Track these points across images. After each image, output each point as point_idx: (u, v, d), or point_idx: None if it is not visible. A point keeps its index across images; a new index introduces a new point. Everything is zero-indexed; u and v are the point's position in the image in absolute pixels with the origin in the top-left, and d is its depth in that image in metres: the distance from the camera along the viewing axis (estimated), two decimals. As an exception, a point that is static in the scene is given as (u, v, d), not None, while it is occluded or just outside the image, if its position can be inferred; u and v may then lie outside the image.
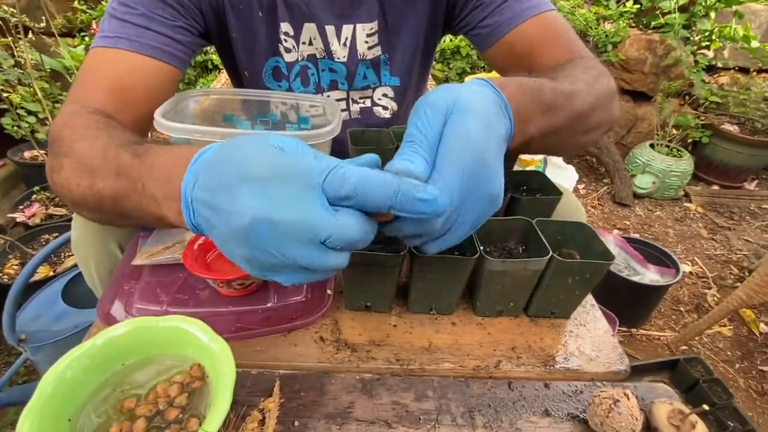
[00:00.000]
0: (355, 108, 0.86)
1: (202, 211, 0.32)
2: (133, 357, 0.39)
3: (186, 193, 0.33)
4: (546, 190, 0.63)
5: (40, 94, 1.62)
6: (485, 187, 0.36)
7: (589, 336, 0.54)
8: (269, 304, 0.52)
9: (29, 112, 1.75)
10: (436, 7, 0.74)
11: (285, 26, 0.72)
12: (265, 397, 0.43)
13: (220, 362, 0.36)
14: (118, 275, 0.56)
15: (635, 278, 1.52)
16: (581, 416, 0.44)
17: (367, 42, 0.75)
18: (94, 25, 2.18)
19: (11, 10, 1.58)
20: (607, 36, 2.43)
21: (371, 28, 0.74)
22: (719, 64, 2.55)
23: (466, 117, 0.36)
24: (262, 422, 0.40)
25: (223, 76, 1.37)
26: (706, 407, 0.41)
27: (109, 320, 0.50)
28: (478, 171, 0.35)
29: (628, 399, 0.41)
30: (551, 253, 0.48)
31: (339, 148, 0.80)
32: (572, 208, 0.74)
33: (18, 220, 1.66)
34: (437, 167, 0.36)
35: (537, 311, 0.55)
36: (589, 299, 0.59)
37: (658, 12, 2.35)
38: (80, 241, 0.67)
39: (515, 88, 0.43)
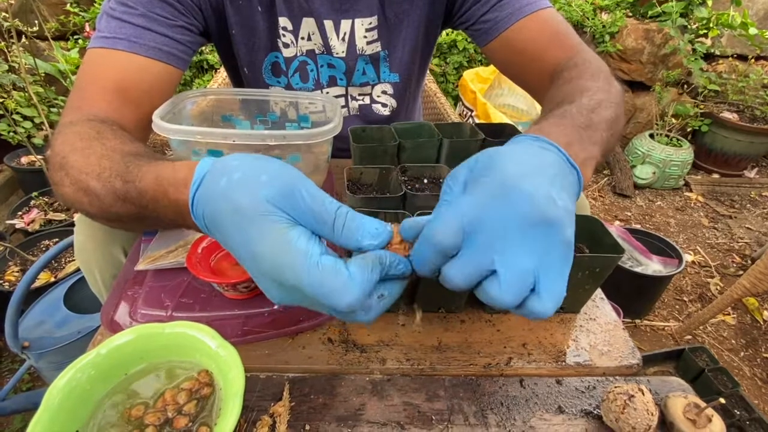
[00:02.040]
0: (354, 105, 0.85)
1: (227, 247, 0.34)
2: (139, 364, 0.38)
3: (207, 231, 0.34)
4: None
5: (35, 99, 1.60)
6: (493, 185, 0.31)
7: (600, 330, 0.53)
8: (276, 306, 0.51)
9: (25, 118, 1.74)
10: (435, 2, 0.73)
11: (283, 21, 0.71)
12: (275, 401, 0.42)
13: (229, 368, 0.35)
14: (120, 281, 0.55)
15: (638, 269, 1.51)
16: (595, 412, 0.44)
17: (366, 37, 0.74)
18: (87, 28, 2.16)
19: (3, 14, 1.57)
20: (604, 27, 2.42)
21: (370, 23, 0.73)
22: (717, 52, 2.54)
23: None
24: (273, 427, 0.40)
25: (220, 76, 1.36)
26: (722, 401, 0.40)
27: (114, 327, 0.49)
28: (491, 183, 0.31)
29: (643, 394, 0.40)
30: (560, 247, 0.47)
31: (340, 145, 0.79)
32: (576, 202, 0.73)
33: (17, 226, 1.65)
34: None
35: (546, 306, 0.54)
36: (598, 293, 0.59)
37: (654, 1, 2.34)
38: (83, 247, 0.66)
39: (550, 125, 0.41)
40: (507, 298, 0.30)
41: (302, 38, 0.74)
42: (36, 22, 1.76)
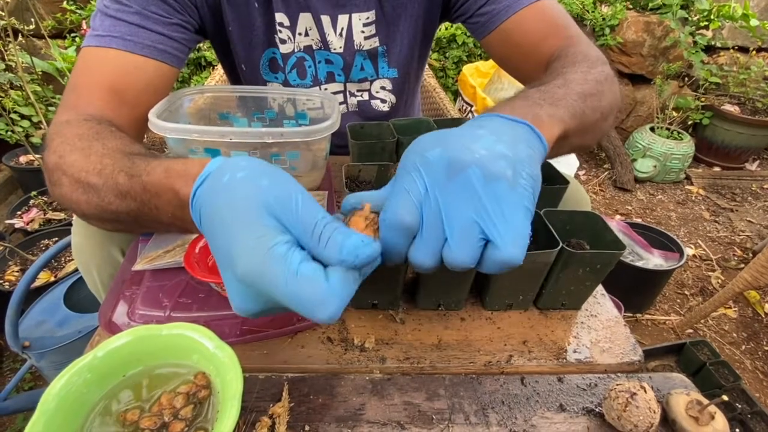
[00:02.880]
0: (352, 101, 0.84)
1: (211, 245, 0.33)
2: (136, 367, 0.38)
3: (200, 227, 0.34)
4: (552, 179, 0.62)
5: (32, 98, 1.59)
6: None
7: (601, 326, 0.53)
8: (274, 306, 0.51)
9: (23, 117, 1.73)
10: None
11: (280, 17, 0.70)
12: (274, 402, 0.42)
13: (227, 370, 0.35)
14: (118, 281, 0.55)
15: (639, 263, 1.51)
16: (597, 410, 0.43)
17: (363, 32, 0.74)
18: (84, 26, 2.15)
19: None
20: (604, 19, 2.40)
21: (367, 18, 0.72)
22: (718, 44, 2.52)
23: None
24: (272, 428, 0.39)
25: (218, 74, 1.35)
26: (725, 398, 0.40)
27: (112, 328, 0.49)
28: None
29: (645, 392, 0.40)
30: (561, 244, 0.47)
31: (338, 142, 0.79)
32: (577, 197, 0.72)
33: (16, 226, 1.65)
34: None
35: (547, 303, 0.54)
36: (599, 289, 0.58)
37: (655, -7, 2.32)
38: (81, 247, 0.66)
39: (499, 107, 0.41)
40: (460, 257, 0.31)
41: (299, 34, 0.73)
42: (32, 20, 1.75)
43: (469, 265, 0.31)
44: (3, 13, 1.56)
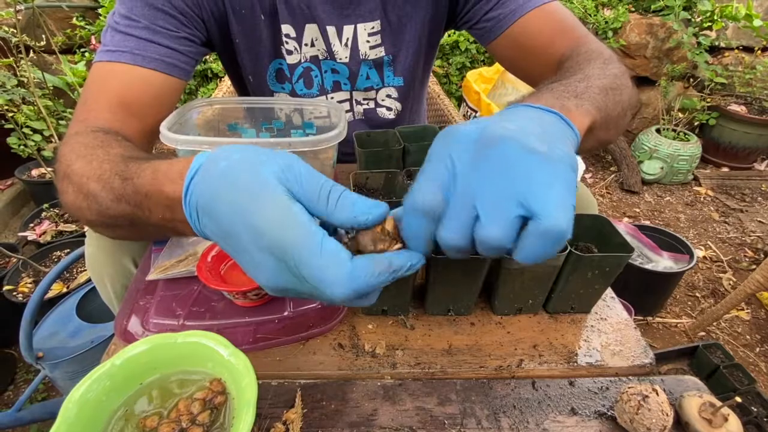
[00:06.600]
0: (359, 109, 0.85)
1: (224, 247, 0.33)
2: (152, 375, 0.39)
3: (199, 231, 0.34)
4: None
5: (44, 112, 1.63)
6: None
7: (611, 330, 0.53)
8: (286, 313, 0.51)
9: (34, 131, 1.76)
10: (439, 3, 0.73)
11: (286, 28, 0.72)
12: (287, 408, 0.42)
13: (242, 377, 0.35)
14: (132, 291, 0.56)
15: (649, 266, 1.50)
16: (609, 413, 0.43)
17: (369, 42, 0.75)
18: (93, 41, 2.19)
19: (11, 30, 1.59)
20: (606, 22, 2.41)
21: (372, 27, 0.73)
22: (722, 45, 2.51)
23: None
24: (286, 434, 0.40)
25: (225, 85, 1.37)
26: (738, 399, 0.40)
27: (127, 337, 0.50)
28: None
29: (657, 394, 0.40)
30: (569, 248, 0.47)
31: (345, 150, 0.80)
32: (584, 200, 0.73)
33: (29, 238, 1.68)
34: None
35: (556, 307, 0.54)
36: (609, 292, 0.58)
37: (657, -5, 2.32)
38: (94, 258, 0.67)
39: (526, 99, 0.41)
40: (494, 233, 0.28)
41: (305, 45, 0.74)
42: (43, 36, 1.79)
43: (505, 243, 0.28)
44: (15, 30, 1.60)
